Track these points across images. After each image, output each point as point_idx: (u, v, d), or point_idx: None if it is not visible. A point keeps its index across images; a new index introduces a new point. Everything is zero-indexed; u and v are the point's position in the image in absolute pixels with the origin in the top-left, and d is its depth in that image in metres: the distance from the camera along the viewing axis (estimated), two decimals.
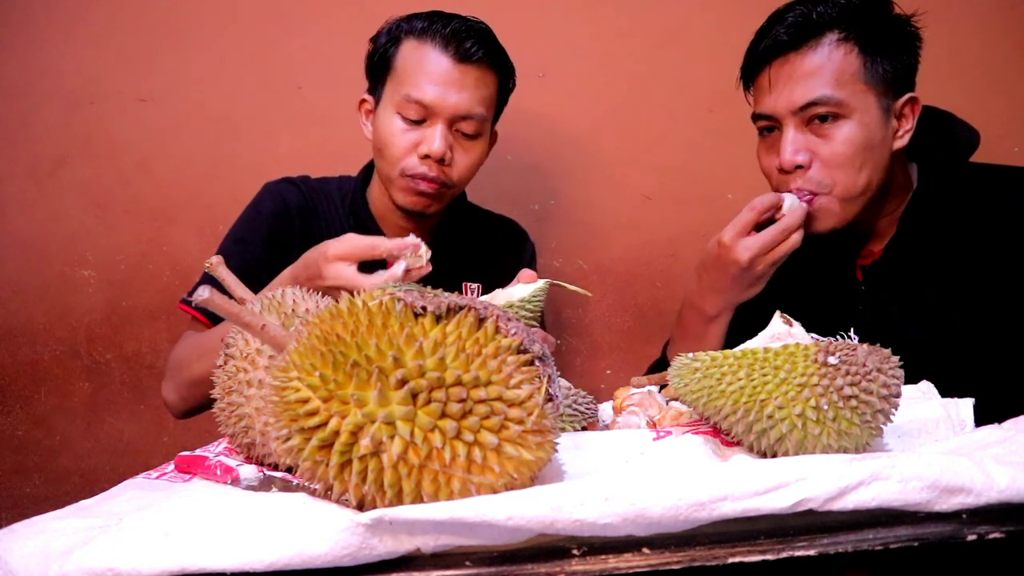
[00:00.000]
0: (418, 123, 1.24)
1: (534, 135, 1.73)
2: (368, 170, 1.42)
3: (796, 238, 1.10)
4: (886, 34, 1.10)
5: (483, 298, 0.91)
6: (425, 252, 0.98)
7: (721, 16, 1.69)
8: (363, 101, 1.35)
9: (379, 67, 1.29)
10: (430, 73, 1.23)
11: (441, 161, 1.25)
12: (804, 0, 1.11)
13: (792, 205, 1.11)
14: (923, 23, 1.14)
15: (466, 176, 1.32)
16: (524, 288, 0.94)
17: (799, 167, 1.11)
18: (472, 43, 1.24)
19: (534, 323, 0.93)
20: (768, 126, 1.17)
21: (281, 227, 1.32)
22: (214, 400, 0.79)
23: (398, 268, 0.96)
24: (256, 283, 1.23)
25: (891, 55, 1.10)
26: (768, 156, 1.18)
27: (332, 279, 1.02)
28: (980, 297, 1.09)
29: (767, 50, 1.13)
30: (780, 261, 1.12)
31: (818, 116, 1.09)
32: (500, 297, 0.93)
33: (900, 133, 1.13)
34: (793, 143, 1.11)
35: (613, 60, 1.73)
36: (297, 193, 1.37)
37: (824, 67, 1.08)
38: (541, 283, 0.94)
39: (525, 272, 0.97)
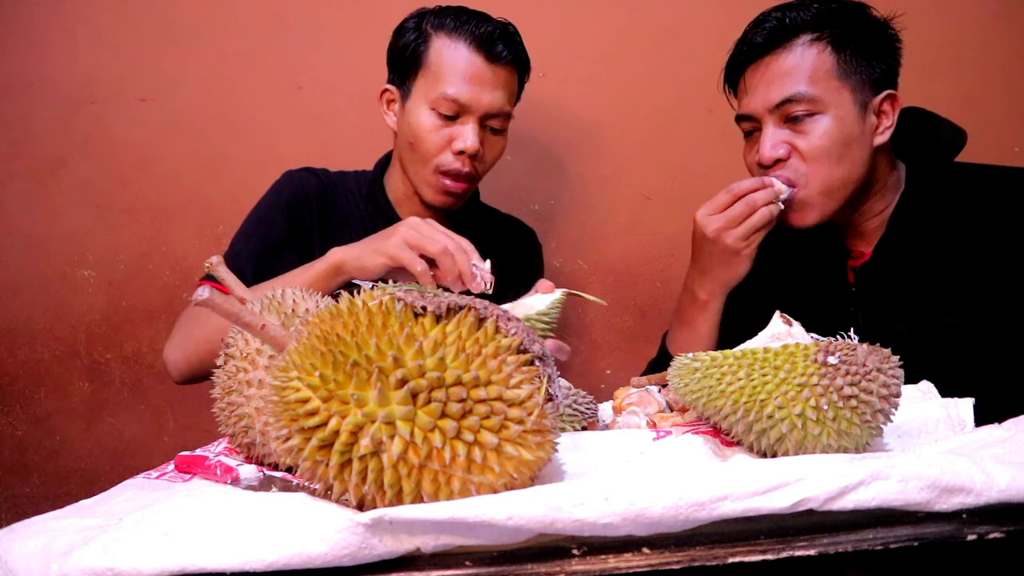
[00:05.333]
0: (450, 119, 1.29)
1: (534, 135, 1.73)
2: (385, 160, 1.45)
3: (764, 212, 1.11)
4: (862, 36, 1.12)
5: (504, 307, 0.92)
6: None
7: (721, 16, 1.68)
8: (385, 91, 1.38)
9: (409, 61, 1.32)
10: (464, 72, 1.27)
11: (473, 156, 1.30)
12: (780, 6, 1.15)
13: (776, 187, 1.13)
14: (902, 24, 1.15)
15: (489, 168, 1.38)
16: (542, 299, 0.95)
17: (779, 160, 1.14)
18: (502, 45, 1.29)
19: (551, 334, 0.94)
20: (751, 128, 1.20)
21: (302, 211, 1.36)
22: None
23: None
24: (278, 260, 1.26)
25: (868, 55, 1.12)
26: (751, 155, 1.21)
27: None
28: (972, 296, 1.10)
29: (744, 54, 1.17)
30: (752, 235, 1.13)
31: (795, 114, 1.11)
32: (520, 309, 0.94)
33: (880, 129, 1.14)
34: (772, 138, 1.14)
35: (613, 60, 1.73)
36: (316, 181, 1.41)
37: (798, 66, 1.11)
38: (558, 294, 0.96)
39: (543, 283, 0.98)
